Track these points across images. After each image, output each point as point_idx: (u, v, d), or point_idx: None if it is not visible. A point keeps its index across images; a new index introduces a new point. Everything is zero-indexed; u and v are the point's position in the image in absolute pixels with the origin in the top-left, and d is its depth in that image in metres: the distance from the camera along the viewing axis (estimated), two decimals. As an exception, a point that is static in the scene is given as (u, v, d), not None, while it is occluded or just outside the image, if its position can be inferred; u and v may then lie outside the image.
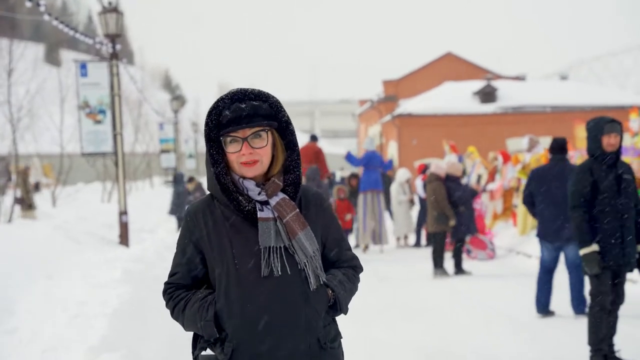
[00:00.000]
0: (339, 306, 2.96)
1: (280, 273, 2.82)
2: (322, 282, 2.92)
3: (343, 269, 3.06)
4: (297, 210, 2.91)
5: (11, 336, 6.42)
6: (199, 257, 2.93)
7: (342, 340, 3.06)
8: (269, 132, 2.89)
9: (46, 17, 12.43)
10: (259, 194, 2.88)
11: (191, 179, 20.57)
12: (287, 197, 2.91)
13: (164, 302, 3.03)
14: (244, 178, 2.88)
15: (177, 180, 21.44)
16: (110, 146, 14.04)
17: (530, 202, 9.24)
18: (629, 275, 6.74)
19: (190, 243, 2.94)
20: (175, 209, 20.28)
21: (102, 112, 14.05)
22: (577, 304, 8.82)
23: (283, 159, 2.95)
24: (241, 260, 2.83)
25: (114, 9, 13.70)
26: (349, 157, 17.04)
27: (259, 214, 2.85)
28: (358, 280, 3.11)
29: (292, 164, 2.96)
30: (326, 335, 2.95)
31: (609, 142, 6.26)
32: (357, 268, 3.12)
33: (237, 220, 2.88)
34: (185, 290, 2.97)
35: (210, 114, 2.89)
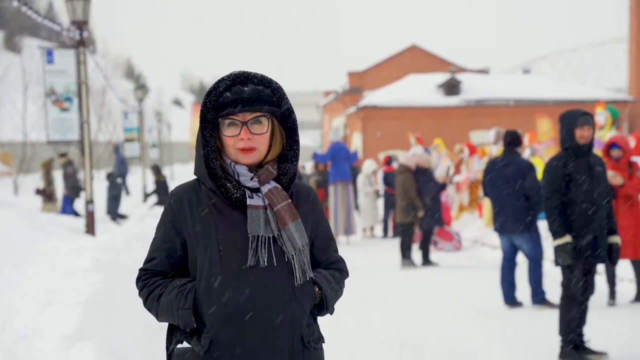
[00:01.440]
0: (326, 305, 2.83)
1: (266, 264, 2.69)
2: (308, 278, 2.78)
3: (330, 270, 2.94)
4: (290, 200, 2.78)
5: (-20, 325, 6.32)
6: (180, 243, 2.78)
7: (324, 344, 2.94)
8: (270, 119, 2.77)
9: (15, 3, 12.24)
10: (251, 179, 2.75)
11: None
12: (280, 187, 2.79)
13: (136, 291, 2.87)
14: (237, 163, 2.76)
15: (113, 178, 20.84)
16: (77, 134, 13.89)
17: (486, 193, 9.38)
18: (598, 267, 6.83)
19: (172, 227, 2.79)
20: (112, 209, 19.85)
21: (69, 99, 13.89)
22: (533, 294, 8.99)
23: (280, 148, 2.83)
24: (226, 248, 2.69)
25: (81, -4, 13.52)
26: (316, 157, 17.23)
27: (249, 201, 2.72)
28: (344, 284, 2.99)
29: (291, 154, 2.84)
30: (310, 334, 2.83)
31: (582, 134, 6.34)
32: (343, 272, 3.01)
33: (224, 206, 2.74)
34: (161, 278, 2.81)
35: (209, 94, 2.75)
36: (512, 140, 9.17)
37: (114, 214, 19.74)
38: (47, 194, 19.48)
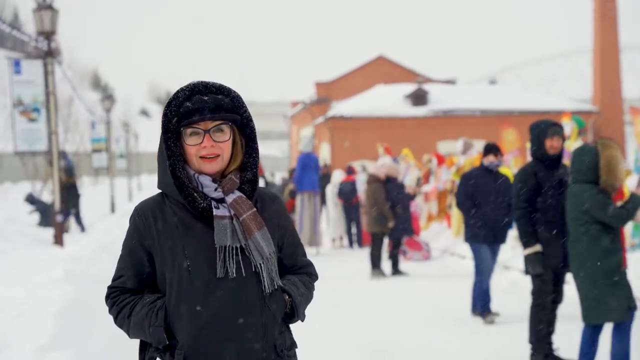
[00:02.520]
0: (296, 312, 2.84)
1: (235, 275, 2.68)
2: (277, 286, 2.78)
3: (299, 275, 2.94)
4: (255, 209, 2.77)
5: (-50, 337, 6.26)
6: (147, 259, 2.77)
7: (297, 350, 2.95)
8: (231, 127, 2.78)
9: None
10: (215, 190, 2.74)
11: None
12: (244, 196, 2.78)
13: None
14: (200, 174, 2.74)
15: (32, 201, 20.31)
16: (45, 145, 13.79)
17: (463, 202, 9.23)
18: (566, 276, 6.93)
19: (138, 244, 2.77)
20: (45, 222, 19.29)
21: (37, 110, 13.79)
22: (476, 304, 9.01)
23: (241, 157, 2.83)
24: (194, 261, 2.67)
25: (49, 6, 13.48)
26: (297, 181, 17.16)
27: (215, 212, 2.70)
28: (313, 288, 3.00)
29: (250, 162, 2.83)
30: (282, 342, 2.83)
31: (551, 144, 6.45)
32: (312, 275, 3.02)
33: (190, 218, 2.72)
34: (130, 295, 2.79)
35: (169, 104, 2.74)
36: (497, 151, 9.19)
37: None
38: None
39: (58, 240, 12.87)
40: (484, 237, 8.87)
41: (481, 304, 8.90)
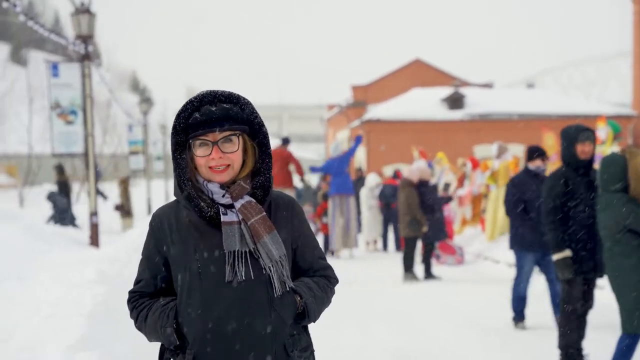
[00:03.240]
0: (307, 313, 2.83)
1: (244, 278, 2.72)
2: (288, 289, 2.80)
3: (315, 278, 2.94)
4: (264, 213, 2.80)
5: (-16, 336, 6.37)
6: (163, 263, 2.85)
7: (314, 351, 2.96)
8: (240, 137, 2.80)
9: (22, 18, 12.35)
10: (223, 196, 2.78)
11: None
12: (254, 200, 2.81)
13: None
14: (209, 181, 2.79)
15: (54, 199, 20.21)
16: (81, 147, 13.98)
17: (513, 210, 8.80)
18: (597, 281, 6.86)
19: (154, 249, 2.85)
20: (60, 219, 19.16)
21: (74, 112, 13.98)
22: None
23: (252, 163, 2.85)
24: (204, 266, 2.74)
25: (87, 10, 13.66)
26: (313, 170, 17.35)
27: (223, 218, 2.76)
28: (332, 291, 2.98)
29: (263, 167, 2.85)
30: (294, 343, 2.83)
31: (582, 150, 6.39)
32: (330, 278, 3.00)
33: (202, 223, 2.78)
34: (149, 299, 2.88)
35: (178, 116, 2.78)
36: (544, 155, 8.87)
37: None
38: (125, 209, 20.29)
39: (94, 241, 13.03)
40: (529, 244, 8.59)
41: (515, 309, 8.74)
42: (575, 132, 6.40)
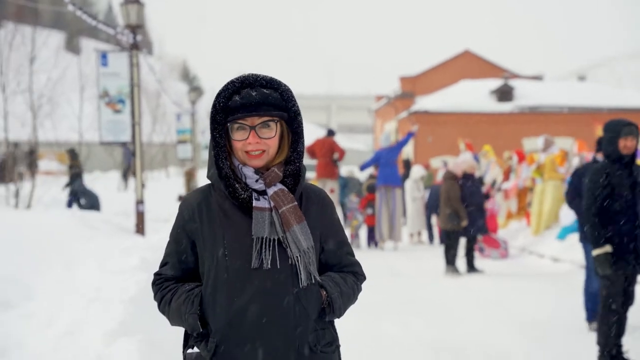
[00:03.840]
0: (332, 307, 2.80)
1: (269, 266, 2.69)
2: (314, 281, 2.76)
3: (342, 273, 2.90)
4: (295, 203, 2.78)
5: (28, 320, 6.53)
6: (191, 247, 2.82)
7: (339, 346, 2.91)
8: (278, 123, 2.78)
9: (70, 7, 12.57)
10: (257, 181, 2.76)
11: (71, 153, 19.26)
12: (286, 189, 2.79)
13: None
14: (244, 165, 2.78)
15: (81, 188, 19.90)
16: (129, 136, 14.17)
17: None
18: (638, 278, 6.78)
19: (183, 232, 2.83)
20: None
21: (122, 101, 14.19)
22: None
23: (287, 151, 2.84)
24: (231, 252, 2.71)
25: (136, 0, 13.81)
26: (362, 168, 17.36)
27: (255, 203, 2.73)
28: (358, 288, 2.93)
29: (295, 156, 2.83)
30: (318, 338, 2.79)
31: (625, 144, 6.31)
32: (358, 275, 2.94)
33: (232, 209, 2.76)
34: (174, 282, 2.85)
35: (218, 96, 2.77)
36: None
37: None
38: None
39: (139, 229, 13.21)
40: None
41: (588, 308, 8.23)
42: (618, 126, 6.32)
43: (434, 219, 17.68)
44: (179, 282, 2.85)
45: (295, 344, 2.73)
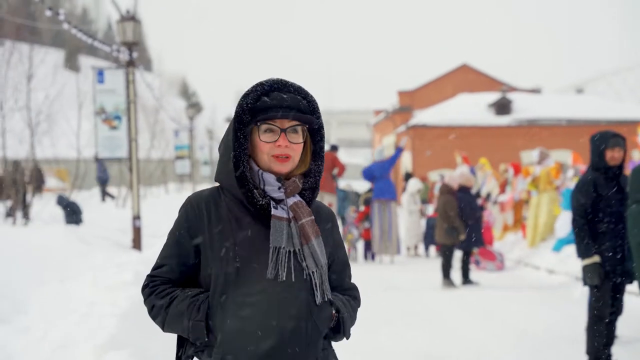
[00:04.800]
0: (343, 329, 2.73)
1: (284, 279, 2.57)
2: (327, 299, 2.68)
3: (345, 296, 2.83)
4: (313, 217, 2.69)
5: (23, 335, 6.59)
6: (194, 251, 2.66)
7: None
8: (305, 130, 2.71)
9: (65, 26, 12.66)
10: (279, 189, 2.66)
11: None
12: (304, 202, 2.71)
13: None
14: (265, 171, 2.66)
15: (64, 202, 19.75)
16: (125, 152, 14.25)
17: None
18: (629, 287, 6.83)
19: (187, 235, 2.67)
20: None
21: (118, 118, 14.27)
22: None
23: (309, 162, 2.76)
24: (244, 261, 2.58)
25: (132, 18, 13.90)
26: (365, 175, 17.30)
27: (273, 212, 2.62)
28: (356, 312, 2.86)
29: (315, 169, 2.76)
30: (324, 358, 2.72)
31: (612, 156, 6.38)
32: (356, 300, 2.89)
33: (244, 216, 2.64)
34: (171, 286, 2.68)
35: (246, 96, 2.66)
36: None
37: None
38: None
39: (136, 244, 13.26)
40: None
41: None
42: (605, 137, 6.40)
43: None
44: (176, 287, 2.70)
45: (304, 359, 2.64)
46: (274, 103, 2.63)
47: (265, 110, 2.63)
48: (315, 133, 2.77)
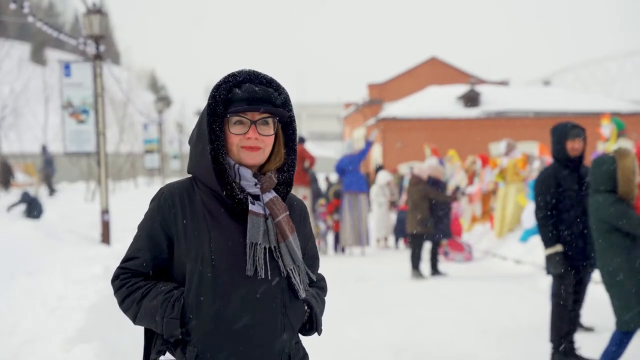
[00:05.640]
0: (315, 325, 2.77)
1: (262, 276, 2.57)
2: (304, 295, 2.70)
3: (314, 288, 2.83)
4: (288, 212, 2.68)
5: (-10, 329, 6.58)
6: (167, 245, 2.63)
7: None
8: (276, 123, 2.69)
9: (30, 19, 12.57)
10: (255, 185, 2.64)
11: None
12: (279, 197, 2.69)
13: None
14: (240, 165, 2.65)
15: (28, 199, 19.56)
16: (93, 146, 14.18)
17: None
18: (591, 276, 6.96)
19: (159, 228, 2.62)
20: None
21: (85, 112, 14.19)
22: None
23: (282, 156, 2.74)
24: (219, 256, 2.55)
25: (98, 11, 13.82)
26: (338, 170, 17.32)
27: (251, 207, 2.59)
28: (324, 302, 2.88)
29: (288, 163, 2.75)
30: (296, 352, 2.74)
31: (573, 146, 6.50)
32: (324, 290, 2.91)
33: (219, 211, 2.61)
34: (143, 279, 2.64)
35: (218, 87, 2.64)
36: None
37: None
38: None
39: (105, 238, 13.22)
40: None
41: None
42: (565, 129, 6.51)
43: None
44: (148, 280, 2.67)
45: (278, 356, 2.66)
46: (245, 95, 2.62)
47: (236, 102, 2.63)
48: (287, 126, 2.76)
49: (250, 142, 2.62)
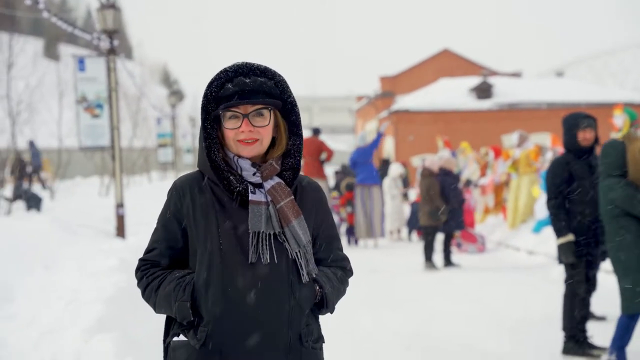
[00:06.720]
0: (326, 304, 2.79)
1: (268, 261, 2.65)
2: (314, 275, 2.75)
3: (332, 268, 2.88)
4: (292, 197, 2.73)
5: (10, 321, 6.67)
6: (181, 234, 2.75)
7: (324, 342, 2.91)
8: (272, 112, 2.72)
9: (45, 15, 12.65)
10: (254, 174, 2.70)
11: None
12: (283, 182, 2.74)
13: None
14: (240, 157, 2.71)
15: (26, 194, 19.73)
16: (108, 140, 14.27)
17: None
18: (603, 265, 7.01)
19: (173, 218, 2.74)
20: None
21: (100, 106, 14.28)
22: None
23: (285, 143, 2.78)
24: (227, 243, 2.64)
25: (112, 5, 13.90)
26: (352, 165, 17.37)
27: (251, 197, 2.67)
28: (347, 283, 2.93)
29: (294, 148, 2.79)
30: (308, 333, 2.78)
31: (584, 136, 6.54)
32: (346, 270, 2.94)
33: (227, 200, 2.69)
34: (161, 269, 2.77)
35: (210, 85, 2.70)
36: None
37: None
38: None
39: (120, 232, 13.32)
40: None
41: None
42: (577, 119, 6.55)
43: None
44: (166, 270, 2.78)
45: (287, 338, 2.71)
46: (236, 89, 2.66)
47: (227, 98, 2.67)
48: (289, 113, 2.80)
49: (244, 135, 2.68)
